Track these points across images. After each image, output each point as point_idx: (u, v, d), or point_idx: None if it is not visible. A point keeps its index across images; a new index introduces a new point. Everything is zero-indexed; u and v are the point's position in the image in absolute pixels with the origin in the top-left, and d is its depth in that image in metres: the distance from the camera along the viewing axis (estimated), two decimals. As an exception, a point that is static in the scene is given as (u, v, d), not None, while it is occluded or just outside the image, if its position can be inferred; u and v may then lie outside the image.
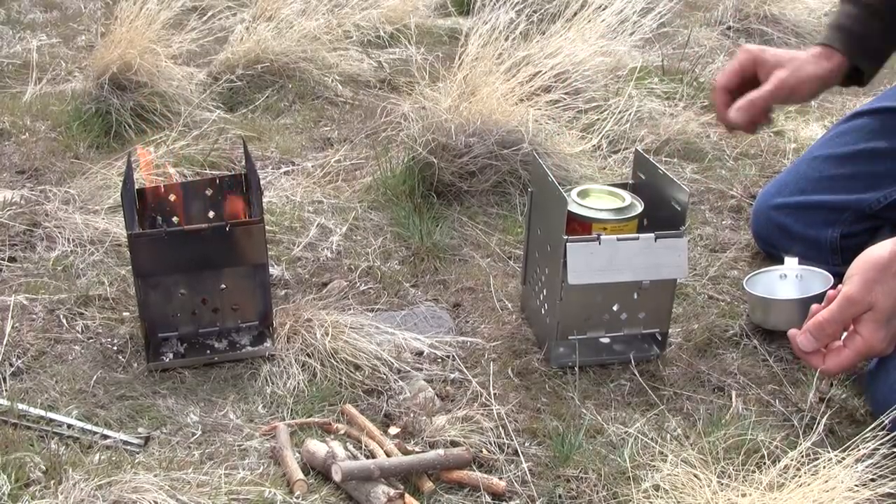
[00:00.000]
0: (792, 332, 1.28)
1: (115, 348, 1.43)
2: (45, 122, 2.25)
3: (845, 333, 1.25)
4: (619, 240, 1.33)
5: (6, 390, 1.32)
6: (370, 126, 2.27)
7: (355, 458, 1.18)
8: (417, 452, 1.19)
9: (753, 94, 1.45)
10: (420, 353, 1.43)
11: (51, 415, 1.26)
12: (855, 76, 1.49)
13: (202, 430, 1.26)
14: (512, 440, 1.24)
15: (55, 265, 1.64)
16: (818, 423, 1.17)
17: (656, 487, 1.13)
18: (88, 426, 1.24)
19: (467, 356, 1.43)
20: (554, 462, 1.21)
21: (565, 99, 2.12)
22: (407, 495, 1.12)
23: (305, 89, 2.48)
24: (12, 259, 1.66)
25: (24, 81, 2.51)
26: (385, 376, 1.36)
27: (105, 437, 1.22)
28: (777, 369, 1.41)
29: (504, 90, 1.96)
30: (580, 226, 1.37)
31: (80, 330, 1.47)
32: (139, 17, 2.25)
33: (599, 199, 1.43)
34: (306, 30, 2.57)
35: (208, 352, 1.41)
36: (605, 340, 1.44)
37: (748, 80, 1.48)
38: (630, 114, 2.20)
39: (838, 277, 1.49)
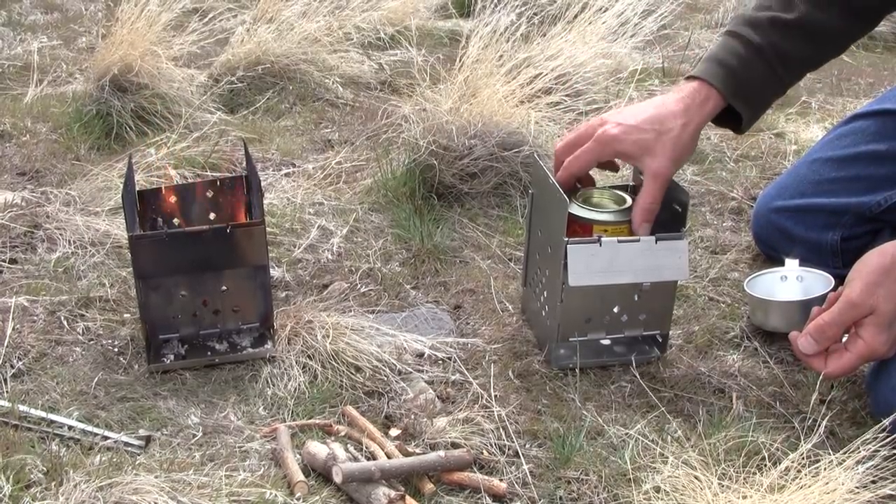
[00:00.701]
0: (793, 334, 1.28)
1: (116, 350, 1.43)
2: (46, 124, 2.25)
3: (846, 336, 1.25)
4: (619, 242, 1.33)
5: (7, 392, 1.32)
6: (371, 128, 2.27)
7: (356, 459, 1.18)
8: (418, 454, 1.19)
9: (646, 203, 1.32)
10: (421, 355, 1.43)
11: (52, 416, 1.26)
12: (729, 119, 1.38)
13: (203, 431, 1.26)
14: (513, 442, 1.24)
15: (56, 267, 1.64)
16: (819, 425, 1.17)
17: (657, 489, 1.13)
18: (89, 428, 1.24)
19: (468, 358, 1.43)
20: (555, 464, 1.21)
21: (566, 101, 2.13)
22: (408, 497, 1.12)
23: (306, 91, 2.48)
24: (13, 261, 1.66)
25: (24, 83, 2.51)
26: (386, 378, 1.36)
27: (106, 438, 1.22)
28: (778, 371, 1.41)
29: (505, 92, 1.97)
30: (581, 227, 1.36)
31: (80, 331, 1.47)
32: (140, 19, 2.25)
33: (600, 201, 1.42)
34: (307, 32, 2.58)
35: (209, 353, 1.41)
36: (606, 342, 1.44)
37: None
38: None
39: (839, 280, 1.49)
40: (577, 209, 1.37)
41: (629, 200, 1.40)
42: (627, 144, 1.32)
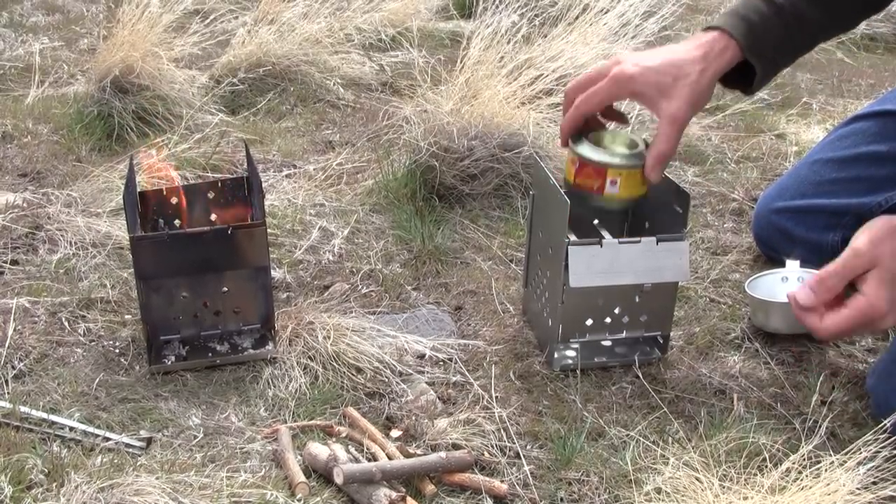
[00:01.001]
0: (790, 292, 1.24)
1: (117, 351, 1.43)
2: (48, 125, 2.25)
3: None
4: (620, 243, 1.33)
5: (8, 393, 1.32)
6: (372, 129, 2.27)
7: (357, 460, 1.18)
8: (419, 455, 1.19)
9: (662, 148, 1.28)
10: (422, 356, 1.43)
11: (53, 417, 1.26)
12: (738, 79, 1.35)
13: (204, 432, 1.26)
14: (514, 443, 1.24)
15: (57, 268, 1.64)
16: (820, 427, 1.17)
17: (658, 490, 1.13)
18: (90, 429, 1.24)
19: (469, 359, 1.43)
20: (556, 465, 1.21)
21: (567, 102, 2.12)
22: (409, 498, 1.12)
23: (307, 92, 2.48)
24: (14, 262, 1.66)
25: (26, 84, 2.52)
26: (387, 379, 1.36)
27: (107, 439, 1.22)
28: (779, 372, 1.41)
29: (506, 93, 1.97)
30: (595, 171, 1.30)
31: (81, 333, 1.47)
32: (141, 21, 2.25)
33: (613, 144, 1.34)
34: (308, 33, 2.58)
35: (210, 354, 1.41)
36: (607, 343, 1.44)
37: None
38: (632, 117, 2.20)
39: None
40: (590, 151, 1.31)
41: (642, 144, 1.35)
42: (644, 86, 1.28)
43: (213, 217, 1.54)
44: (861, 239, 1.17)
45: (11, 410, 1.26)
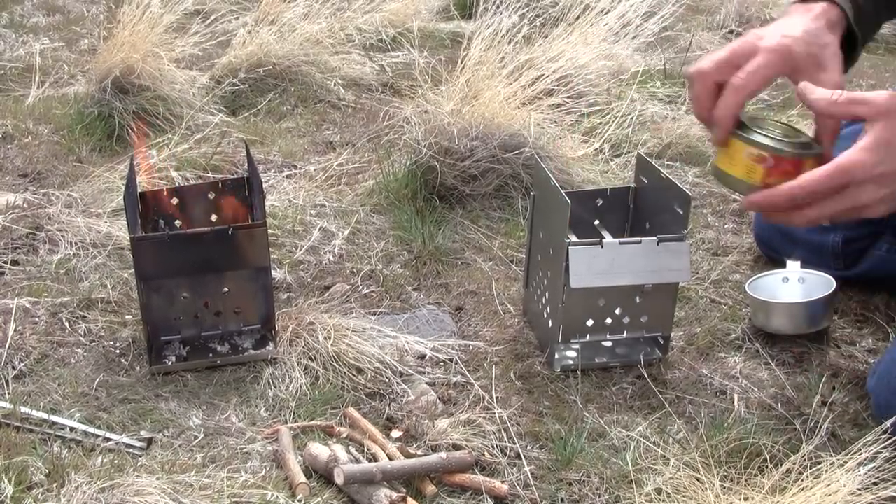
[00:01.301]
0: (804, 84, 1.11)
1: (118, 351, 1.43)
2: (48, 126, 2.25)
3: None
4: (621, 243, 1.33)
5: (9, 393, 1.32)
6: (372, 129, 2.27)
7: (357, 461, 1.18)
8: (420, 456, 1.19)
9: (837, 126, 1.14)
10: (422, 357, 1.43)
11: (53, 418, 1.26)
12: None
13: (204, 433, 1.26)
14: (514, 443, 1.24)
15: (58, 268, 1.64)
16: (820, 427, 1.17)
17: (658, 491, 1.13)
18: (91, 429, 1.24)
19: (469, 359, 1.43)
20: (556, 465, 1.21)
21: (567, 103, 2.13)
22: (409, 498, 1.12)
23: (308, 93, 2.48)
24: (15, 262, 1.66)
25: (27, 85, 2.52)
26: (387, 379, 1.36)
27: (107, 440, 1.22)
28: (779, 373, 1.41)
29: (506, 94, 1.97)
30: (793, 166, 1.10)
31: (82, 333, 1.47)
32: (142, 21, 2.25)
33: (777, 132, 1.14)
34: (309, 33, 2.58)
35: (210, 355, 1.41)
36: (608, 344, 1.44)
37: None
38: (632, 118, 2.20)
39: (841, 281, 1.49)
40: (779, 143, 1.11)
41: (803, 131, 1.18)
42: (802, 57, 1.14)
43: (214, 217, 1.54)
44: (890, 93, 1.06)
45: (12, 411, 1.26)
